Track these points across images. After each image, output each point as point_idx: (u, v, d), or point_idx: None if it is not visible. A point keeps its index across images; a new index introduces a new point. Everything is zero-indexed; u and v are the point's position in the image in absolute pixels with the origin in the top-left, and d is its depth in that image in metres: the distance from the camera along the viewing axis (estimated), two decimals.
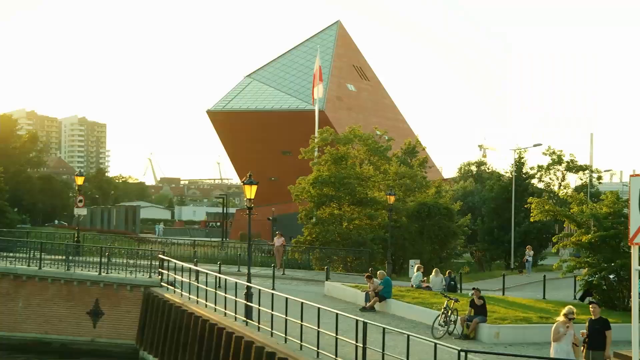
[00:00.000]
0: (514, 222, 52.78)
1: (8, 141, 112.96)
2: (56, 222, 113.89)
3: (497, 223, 55.41)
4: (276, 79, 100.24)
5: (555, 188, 66.72)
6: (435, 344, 16.65)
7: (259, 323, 23.56)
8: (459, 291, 31.61)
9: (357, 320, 18.92)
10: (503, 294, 33.50)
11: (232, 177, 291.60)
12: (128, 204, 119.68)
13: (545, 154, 65.97)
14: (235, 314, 25.25)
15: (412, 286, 31.11)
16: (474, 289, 24.18)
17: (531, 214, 28.18)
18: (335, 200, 44.44)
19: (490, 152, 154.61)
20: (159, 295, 31.29)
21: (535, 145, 56.18)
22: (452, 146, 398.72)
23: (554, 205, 28.85)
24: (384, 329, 18.29)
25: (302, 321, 20.95)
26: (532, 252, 50.71)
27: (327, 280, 34.02)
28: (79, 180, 40.85)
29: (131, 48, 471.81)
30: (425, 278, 32.16)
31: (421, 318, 25.64)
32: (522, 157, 56.51)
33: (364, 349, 18.29)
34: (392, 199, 40.68)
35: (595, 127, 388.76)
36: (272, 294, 23.34)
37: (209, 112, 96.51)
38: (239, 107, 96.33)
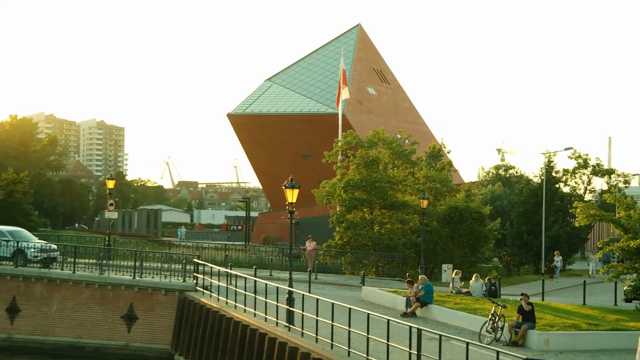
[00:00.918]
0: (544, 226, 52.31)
1: (28, 144, 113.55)
2: (76, 225, 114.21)
3: (526, 227, 54.92)
4: (296, 83, 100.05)
5: (581, 192, 66.12)
6: (498, 352, 16.25)
7: (302, 328, 23.23)
8: (499, 297, 31.12)
9: (410, 327, 18.60)
10: (542, 299, 33.00)
11: (249, 180, 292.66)
12: (149, 207, 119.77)
13: (571, 158, 65.44)
14: (277, 319, 24.93)
15: (452, 291, 30.68)
16: (522, 294, 23.77)
17: (576, 219, 27.71)
18: (367, 204, 44.06)
19: (508, 155, 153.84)
20: (194, 299, 31.04)
21: (566, 149, 55.63)
22: (465, 148, 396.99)
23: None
24: (440, 336, 17.95)
25: (350, 327, 20.63)
26: (560, 257, 50.24)
27: (363, 285, 33.65)
28: (110, 184, 40.58)
29: (149, 51, 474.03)
30: (463, 282, 31.78)
31: (465, 324, 25.26)
32: (552, 161, 55.98)
33: (419, 356, 17.93)
34: (425, 203, 40.27)
35: (606, 128, 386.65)
36: (317, 299, 23.01)
37: (230, 116, 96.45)
38: (260, 110, 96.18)
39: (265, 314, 25.75)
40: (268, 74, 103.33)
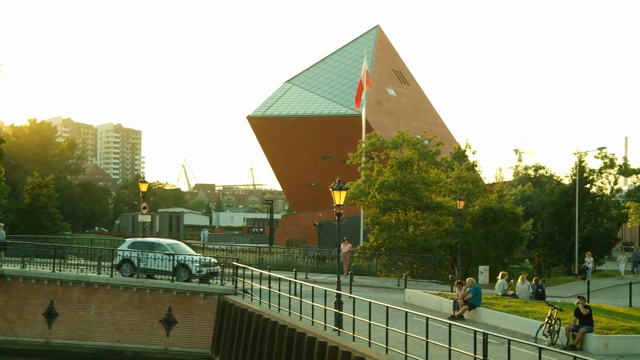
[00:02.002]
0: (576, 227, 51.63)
1: (47, 148, 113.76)
2: (97, 228, 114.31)
3: (557, 228, 54.24)
4: (316, 84, 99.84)
5: (607, 192, 65.32)
6: (575, 357, 15.81)
7: (353, 332, 22.81)
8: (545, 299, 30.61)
9: (475, 331, 18.15)
10: (588, 301, 32.35)
11: (265, 182, 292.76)
12: (172, 210, 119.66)
13: (597, 158, 64.69)
14: (325, 322, 24.52)
15: (498, 294, 30.16)
16: (579, 297, 23.31)
17: (629, 219, 27.22)
18: (401, 205, 43.60)
19: (525, 155, 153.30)
20: (235, 303, 30.69)
21: (599, 149, 55.01)
22: (480, 148, 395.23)
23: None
24: (509, 340, 17.51)
25: (406, 331, 20.20)
26: (592, 259, 49.57)
27: (405, 287, 33.20)
28: (143, 187, 40.15)
29: (166, 55, 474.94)
30: (510, 284, 31.27)
31: (517, 327, 24.75)
32: (583, 161, 55.35)
33: None
34: (461, 204, 39.73)
35: (618, 127, 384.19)
36: (370, 302, 22.58)
37: (249, 118, 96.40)
38: (279, 112, 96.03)
39: (312, 318, 25.36)
40: (287, 76, 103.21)
